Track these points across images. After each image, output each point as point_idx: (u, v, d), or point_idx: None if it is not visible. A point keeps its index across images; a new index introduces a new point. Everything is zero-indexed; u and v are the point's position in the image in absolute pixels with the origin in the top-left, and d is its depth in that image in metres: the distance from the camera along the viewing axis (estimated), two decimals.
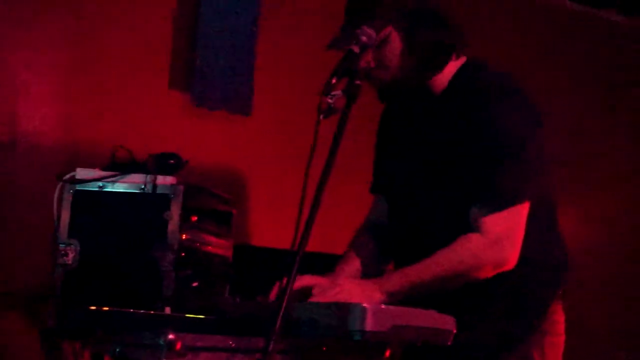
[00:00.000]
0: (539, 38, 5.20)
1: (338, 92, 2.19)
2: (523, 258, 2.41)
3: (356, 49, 2.27)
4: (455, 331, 2.16)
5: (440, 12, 2.46)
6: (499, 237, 2.37)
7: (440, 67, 2.48)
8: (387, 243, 2.68)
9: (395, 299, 2.31)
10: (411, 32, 2.43)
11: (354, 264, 2.63)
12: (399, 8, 2.41)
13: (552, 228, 2.58)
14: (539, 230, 2.48)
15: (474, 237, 2.37)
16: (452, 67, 2.50)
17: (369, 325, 1.97)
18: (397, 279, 2.36)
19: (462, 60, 2.53)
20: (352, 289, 2.30)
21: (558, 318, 2.58)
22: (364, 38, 2.29)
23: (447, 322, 2.16)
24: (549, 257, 2.55)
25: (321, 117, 2.15)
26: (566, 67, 5.28)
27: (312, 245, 2.07)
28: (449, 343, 2.16)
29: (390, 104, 2.68)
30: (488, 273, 2.37)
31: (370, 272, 2.64)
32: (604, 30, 5.47)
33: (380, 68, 2.44)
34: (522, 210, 2.40)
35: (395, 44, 2.44)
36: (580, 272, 2.70)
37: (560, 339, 2.58)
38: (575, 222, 5.14)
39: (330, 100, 2.17)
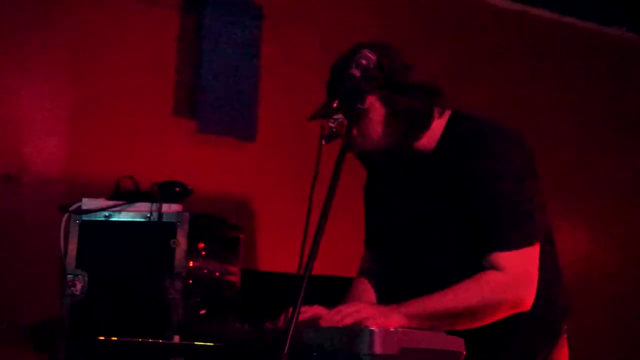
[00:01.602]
0: (541, 56, 5.22)
1: (340, 116, 2.20)
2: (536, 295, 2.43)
3: (357, 73, 2.28)
4: (464, 353, 2.15)
5: (414, 77, 2.49)
6: (518, 276, 2.38)
7: (424, 128, 2.51)
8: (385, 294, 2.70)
9: (415, 324, 2.30)
10: (392, 99, 2.45)
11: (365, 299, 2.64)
12: (378, 77, 2.42)
13: (555, 266, 2.61)
14: (547, 269, 2.51)
15: (495, 273, 2.37)
16: (438, 124, 2.53)
17: (378, 348, 1.96)
18: (416, 305, 2.36)
19: (447, 114, 2.56)
20: (370, 310, 2.29)
21: (564, 347, 2.62)
22: (363, 62, 2.30)
23: (456, 344, 2.15)
24: (556, 293, 2.59)
25: (323, 141, 2.16)
26: (569, 86, 5.28)
27: (319, 269, 2.07)
28: None
29: (374, 170, 2.70)
30: (504, 312, 2.38)
31: None
32: (613, 49, 5.48)
33: (365, 137, 2.46)
34: (535, 251, 2.42)
35: (378, 112, 2.46)
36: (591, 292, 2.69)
37: None
38: (585, 246, 5.14)
39: (331, 125, 2.18)
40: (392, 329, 2.04)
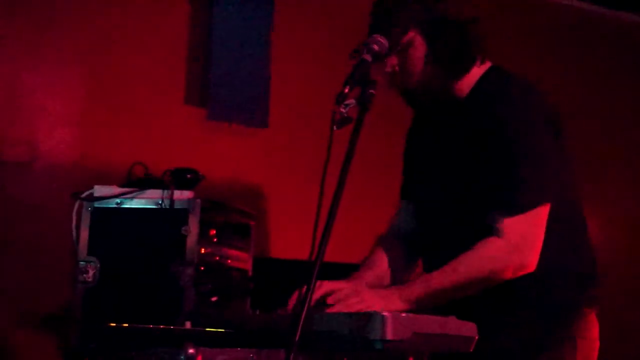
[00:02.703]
0: (556, 40, 5.19)
1: (351, 102, 2.19)
2: (549, 263, 2.40)
3: (368, 58, 2.27)
4: (476, 337, 2.14)
5: (462, 19, 2.46)
6: (520, 241, 2.36)
7: (462, 72, 2.49)
8: (413, 248, 2.69)
9: (418, 306, 2.30)
10: (435, 37, 2.44)
11: (375, 271, 2.62)
12: (423, 13, 2.42)
13: (579, 233, 2.57)
14: (565, 234, 2.48)
15: (495, 241, 2.36)
16: (476, 72, 2.51)
17: (390, 334, 1.95)
18: (418, 286, 2.35)
19: (487, 65, 2.54)
20: (372, 299, 2.29)
21: (591, 323, 2.55)
22: (375, 47, 2.28)
23: (468, 329, 2.14)
24: (576, 261, 2.53)
25: (335, 127, 2.15)
26: (584, 68, 5.25)
27: (331, 255, 2.07)
28: (470, 350, 2.15)
29: (418, 113, 2.69)
30: (508, 277, 2.37)
31: (394, 277, 2.64)
32: (626, 32, 5.44)
33: (404, 72, 2.45)
34: (542, 213, 2.39)
35: (419, 48, 2.45)
36: (611, 275, 2.69)
37: (595, 345, 2.55)
38: (601, 226, 5.10)
39: (343, 110, 2.17)
40: (403, 314, 2.03)
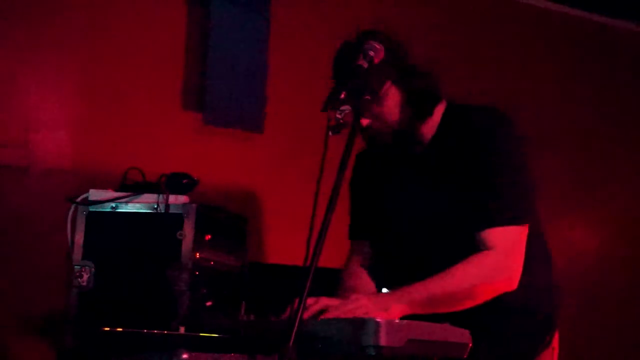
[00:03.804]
0: (553, 48, 5.20)
1: (347, 107, 2.20)
2: (531, 278, 2.49)
3: (364, 64, 2.28)
4: (470, 344, 2.15)
5: (419, 64, 2.56)
6: (508, 250, 2.43)
7: (431, 112, 2.56)
8: (378, 279, 2.75)
9: (413, 311, 2.31)
10: (407, 83, 2.51)
11: (362, 287, 2.66)
12: (392, 62, 2.47)
13: (546, 248, 2.67)
14: (538, 250, 2.58)
15: (486, 254, 2.42)
16: (437, 112, 2.60)
17: (384, 340, 1.96)
18: (414, 292, 2.37)
19: (443, 104, 2.61)
20: (369, 304, 2.30)
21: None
22: (371, 52, 2.30)
23: (462, 335, 2.15)
24: (550, 274, 2.65)
25: (330, 132, 2.16)
26: (577, 78, 5.26)
27: (325, 261, 2.07)
28: (464, 356, 2.15)
29: (364, 156, 2.75)
30: (498, 291, 2.42)
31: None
32: (624, 41, 5.46)
33: (380, 122, 2.50)
34: (524, 231, 2.47)
35: (395, 96, 2.51)
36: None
37: (556, 352, 2.67)
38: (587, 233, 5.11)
39: (339, 116, 2.18)
40: (397, 321, 2.03)
